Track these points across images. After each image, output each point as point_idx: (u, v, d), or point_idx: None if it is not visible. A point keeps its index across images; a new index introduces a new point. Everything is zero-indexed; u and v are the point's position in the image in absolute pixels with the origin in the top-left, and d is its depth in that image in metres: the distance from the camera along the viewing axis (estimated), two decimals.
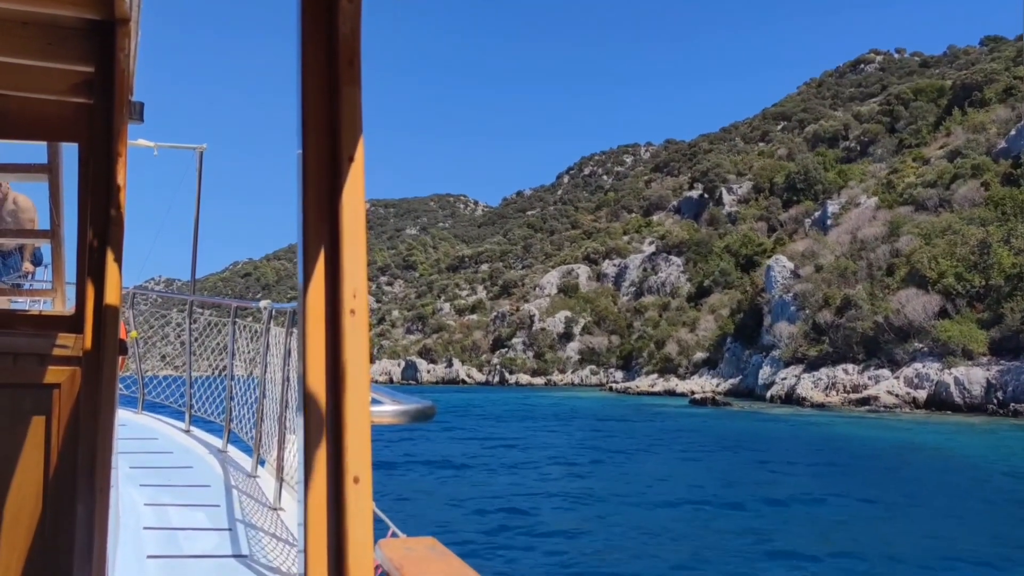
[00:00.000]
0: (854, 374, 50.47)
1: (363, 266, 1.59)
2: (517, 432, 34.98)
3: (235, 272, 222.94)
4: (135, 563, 4.44)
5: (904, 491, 18.29)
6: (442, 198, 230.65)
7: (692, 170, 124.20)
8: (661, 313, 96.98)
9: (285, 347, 5.84)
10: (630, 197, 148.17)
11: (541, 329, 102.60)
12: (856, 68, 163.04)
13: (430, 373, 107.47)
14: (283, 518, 5.54)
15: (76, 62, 2.99)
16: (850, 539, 13.11)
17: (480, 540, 12.92)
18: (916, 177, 70.54)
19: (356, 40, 1.62)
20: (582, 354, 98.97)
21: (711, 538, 13.19)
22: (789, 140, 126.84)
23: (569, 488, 18.27)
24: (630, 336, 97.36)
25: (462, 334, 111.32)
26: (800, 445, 29.69)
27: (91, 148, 3.05)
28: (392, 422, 2.06)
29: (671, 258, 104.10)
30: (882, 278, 56.66)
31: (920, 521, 14.80)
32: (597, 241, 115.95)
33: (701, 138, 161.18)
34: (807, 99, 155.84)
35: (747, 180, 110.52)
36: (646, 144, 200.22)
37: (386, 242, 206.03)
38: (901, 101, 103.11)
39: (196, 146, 10.28)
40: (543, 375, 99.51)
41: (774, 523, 14.35)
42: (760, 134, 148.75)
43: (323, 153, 1.61)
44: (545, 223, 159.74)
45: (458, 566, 1.66)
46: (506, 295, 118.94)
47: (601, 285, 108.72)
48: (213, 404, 8.43)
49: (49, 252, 4.82)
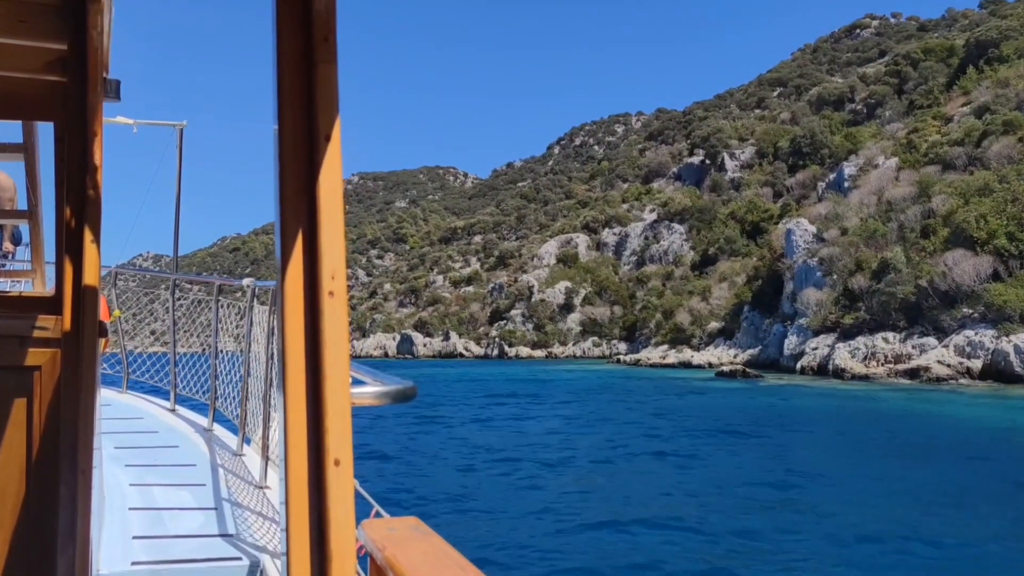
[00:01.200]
0: (895, 343, 45.91)
1: (342, 247, 1.56)
2: (546, 419, 30.09)
3: (223, 247, 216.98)
4: (121, 543, 4.27)
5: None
6: (431, 170, 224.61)
7: (691, 136, 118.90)
8: (665, 282, 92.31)
9: (269, 326, 5.57)
10: (625, 166, 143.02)
11: (540, 300, 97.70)
12: (852, 33, 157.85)
13: (426, 347, 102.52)
14: (269, 496, 5.33)
15: (49, 39, 2.88)
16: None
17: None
18: (941, 136, 65.75)
19: (332, 17, 1.58)
20: (583, 325, 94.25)
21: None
22: (791, 104, 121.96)
23: (680, 512, 13.37)
24: (633, 306, 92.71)
25: (458, 307, 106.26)
26: (870, 424, 25.07)
27: (66, 127, 2.96)
28: (373, 403, 2.00)
29: (673, 226, 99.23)
30: (916, 240, 52.01)
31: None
32: (596, 210, 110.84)
33: (696, 105, 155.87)
34: (803, 65, 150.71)
35: (750, 145, 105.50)
36: (637, 113, 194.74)
37: (375, 215, 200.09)
38: (910, 61, 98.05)
39: (176, 123, 9.98)
40: (543, 347, 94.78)
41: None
42: (756, 100, 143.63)
43: (299, 132, 1.57)
44: (538, 193, 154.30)
45: (440, 545, 1.64)
46: (502, 266, 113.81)
47: (601, 254, 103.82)
48: (198, 383, 8.20)
49: (28, 232, 4.67)
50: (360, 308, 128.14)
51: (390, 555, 1.59)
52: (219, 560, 4.17)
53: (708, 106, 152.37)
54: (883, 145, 74.69)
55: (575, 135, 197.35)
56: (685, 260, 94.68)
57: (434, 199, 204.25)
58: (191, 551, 4.26)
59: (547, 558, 9.88)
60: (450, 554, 1.60)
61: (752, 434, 22.86)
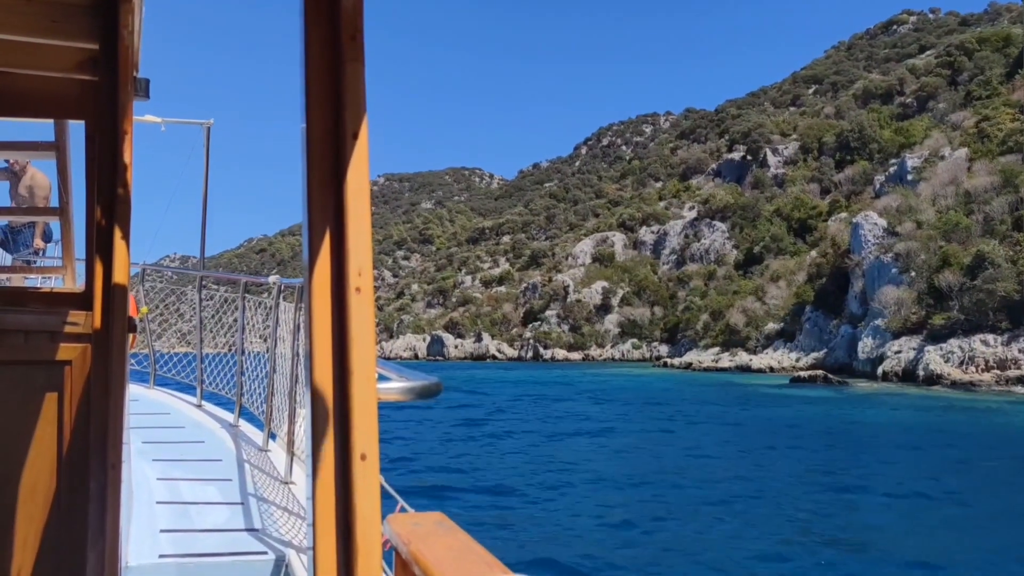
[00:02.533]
0: (997, 346, 40.24)
1: (368, 244, 1.56)
2: (617, 430, 24.83)
3: (250, 248, 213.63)
4: (148, 537, 4.25)
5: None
6: (457, 171, 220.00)
7: (730, 132, 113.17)
8: (707, 282, 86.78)
9: (295, 322, 5.47)
10: (657, 164, 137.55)
11: (576, 301, 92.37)
12: (888, 30, 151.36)
13: (458, 348, 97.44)
14: (294, 492, 5.24)
15: (81, 39, 2.88)
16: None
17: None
18: (1021, 124, 59.87)
19: (359, 16, 1.58)
20: (622, 327, 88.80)
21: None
22: (832, 100, 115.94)
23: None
24: (674, 307, 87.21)
25: (490, 307, 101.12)
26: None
27: (97, 125, 2.95)
28: (399, 399, 2.02)
29: (715, 224, 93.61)
30: (1008, 233, 46.30)
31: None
32: (632, 207, 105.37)
33: (728, 103, 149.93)
34: (839, 61, 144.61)
35: (793, 141, 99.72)
36: (665, 113, 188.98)
37: (401, 216, 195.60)
38: (964, 51, 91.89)
39: (203, 122, 9.93)
40: (580, 349, 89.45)
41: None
42: (791, 98, 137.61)
43: (327, 130, 1.57)
44: (568, 193, 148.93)
45: (464, 540, 1.62)
46: (535, 266, 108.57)
47: (639, 253, 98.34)
48: (225, 379, 8.07)
49: (59, 229, 4.67)
50: (387, 309, 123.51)
51: (415, 549, 1.55)
52: (245, 554, 4.09)
53: (741, 104, 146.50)
54: (948, 136, 68.81)
55: (602, 135, 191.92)
56: (728, 259, 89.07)
57: (460, 200, 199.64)
58: (217, 545, 4.19)
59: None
60: (475, 549, 1.56)
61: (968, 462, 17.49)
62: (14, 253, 6.85)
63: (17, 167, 6.49)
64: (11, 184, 6.76)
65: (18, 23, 2.77)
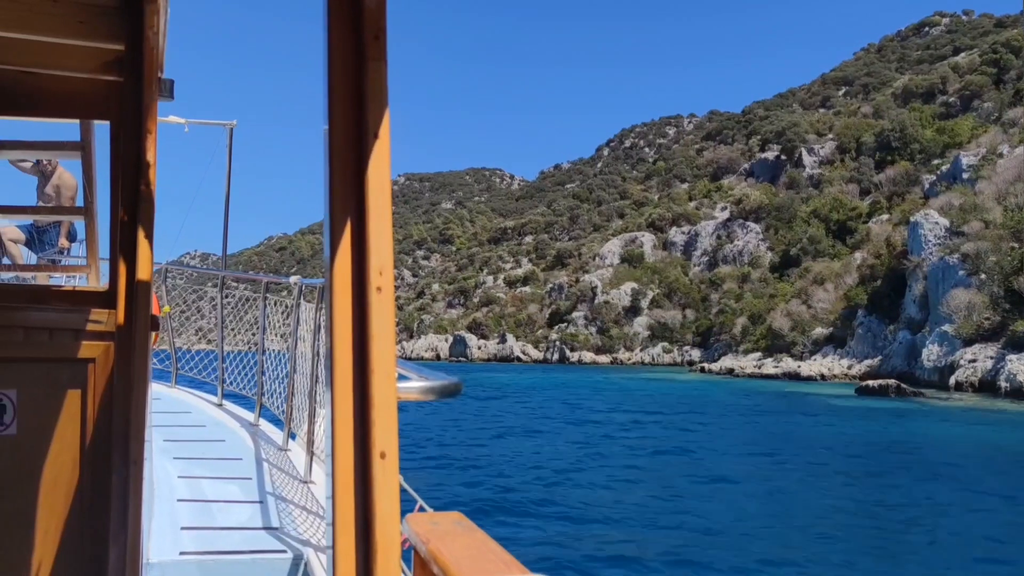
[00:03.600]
0: None
1: (389, 243, 1.56)
2: (716, 456, 20.94)
3: (270, 246, 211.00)
4: (170, 533, 4.26)
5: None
6: (477, 172, 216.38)
7: (763, 131, 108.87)
8: (741, 285, 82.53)
9: (315, 322, 5.46)
10: (683, 165, 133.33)
11: (604, 302, 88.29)
12: (920, 31, 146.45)
13: (481, 349, 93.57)
14: (313, 491, 5.28)
15: (107, 40, 2.87)
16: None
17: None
18: None
19: (382, 15, 1.57)
20: (652, 330, 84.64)
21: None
22: (866, 100, 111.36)
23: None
24: (706, 310, 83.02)
25: (515, 307, 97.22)
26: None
27: (122, 125, 2.96)
28: (419, 398, 2.01)
29: (748, 224, 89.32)
30: None
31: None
32: (662, 207, 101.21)
33: (756, 104, 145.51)
34: (869, 63, 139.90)
35: (829, 140, 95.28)
36: (689, 116, 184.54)
37: (421, 216, 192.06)
38: (1011, 49, 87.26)
39: (226, 123, 9.86)
40: (608, 352, 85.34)
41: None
42: (820, 99, 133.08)
43: (349, 129, 1.57)
44: (592, 193, 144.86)
45: (483, 539, 1.62)
46: (560, 266, 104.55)
47: (669, 254, 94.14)
48: (245, 378, 8.05)
49: (84, 228, 4.74)
50: (407, 309, 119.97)
51: (434, 548, 1.55)
52: (264, 552, 4.07)
53: (769, 105, 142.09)
54: (1007, 133, 64.34)
55: (625, 137, 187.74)
56: (763, 261, 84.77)
57: (480, 200, 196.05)
58: (237, 543, 4.17)
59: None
60: (494, 549, 1.55)
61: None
62: (40, 252, 6.86)
63: (48, 167, 6.51)
64: (39, 183, 6.74)
65: (45, 24, 2.74)
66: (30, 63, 2.93)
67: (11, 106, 3.05)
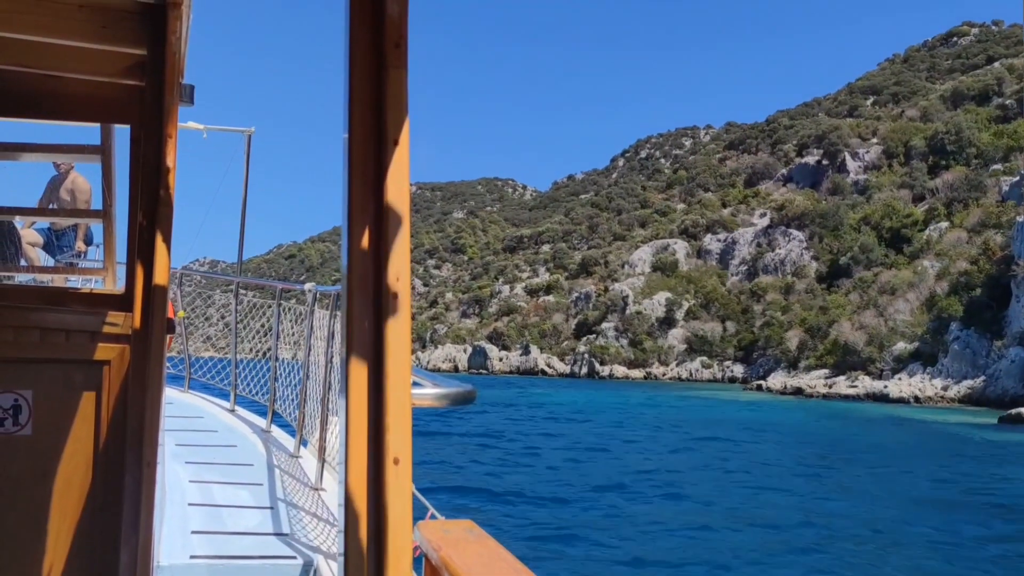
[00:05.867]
0: None
1: (407, 250, 1.54)
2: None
3: (279, 254, 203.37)
4: (180, 537, 4.16)
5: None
6: (490, 182, 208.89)
7: (800, 136, 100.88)
8: (786, 295, 74.22)
9: (329, 329, 5.38)
10: (706, 174, 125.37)
11: (636, 312, 79.85)
12: (948, 42, 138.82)
13: (502, 361, 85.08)
14: (324, 498, 5.13)
15: (129, 44, 2.84)
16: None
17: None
18: None
19: (404, 23, 1.56)
20: (689, 343, 76.17)
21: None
22: (896, 107, 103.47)
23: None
24: (747, 322, 74.61)
25: (538, 317, 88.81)
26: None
27: (142, 129, 2.90)
28: (433, 405, 1.96)
29: (791, 232, 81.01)
30: None
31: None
32: (694, 212, 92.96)
33: (779, 113, 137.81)
34: (898, 72, 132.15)
35: (874, 144, 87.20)
36: (706, 127, 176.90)
37: (433, 225, 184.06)
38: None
39: (244, 129, 9.68)
40: (641, 367, 76.83)
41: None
42: (848, 108, 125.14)
43: (369, 136, 1.55)
44: (611, 202, 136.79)
45: (494, 547, 1.59)
46: (585, 274, 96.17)
47: (704, 262, 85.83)
48: (257, 385, 7.90)
49: (101, 232, 4.70)
50: (419, 318, 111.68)
51: (445, 556, 1.53)
52: (274, 558, 4.02)
53: (793, 114, 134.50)
54: None
55: (640, 147, 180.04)
56: (807, 271, 76.48)
57: (492, 210, 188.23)
58: (247, 548, 4.11)
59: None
60: (504, 557, 1.52)
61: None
62: (57, 255, 6.76)
63: (62, 170, 6.51)
64: (52, 187, 6.64)
65: (70, 28, 2.71)
66: (54, 67, 2.88)
67: (35, 109, 2.99)
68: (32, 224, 6.61)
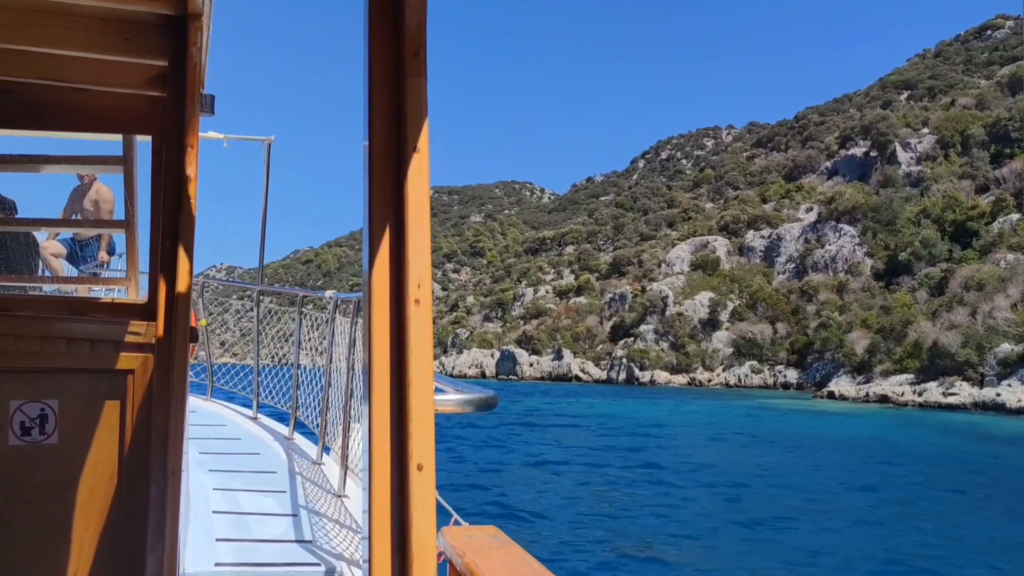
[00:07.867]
0: None
1: (427, 256, 1.52)
2: None
3: (296, 259, 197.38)
4: (205, 545, 4.07)
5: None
6: (508, 185, 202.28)
7: (843, 128, 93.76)
8: (840, 294, 67.10)
9: (350, 336, 5.22)
10: (735, 172, 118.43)
11: (677, 314, 72.86)
12: (982, 35, 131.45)
13: (533, 367, 78.17)
14: (347, 505, 4.97)
15: (151, 56, 2.83)
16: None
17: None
18: None
19: (422, 32, 1.55)
20: (736, 346, 69.10)
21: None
22: (931, 101, 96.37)
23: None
24: (799, 323, 67.49)
25: (570, 319, 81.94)
26: None
27: (164, 140, 2.89)
28: (456, 411, 1.95)
29: (842, 227, 73.88)
30: None
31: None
32: (735, 208, 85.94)
33: (809, 110, 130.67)
34: (932, 67, 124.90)
35: (927, 134, 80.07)
36: (727, 127, 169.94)
37: (450, 229, 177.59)
38: None
39: (264, 138, 9.54)
40: (684, 372, 69.77)
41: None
42: (881, 103, 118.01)
43: (388, 143, 1.54)
44: (636, 202, 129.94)
45: (518, 553, 1.58)
46: (618, 274, 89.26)
47: (747, 260, 78.79)
48: (280, 392, 7.80)
49: (124, 242, 4.59)
50: (440, 322, 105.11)
51: (470, 561, 1.50)
52: (298, 565, 3.96)
53: (823, 111, 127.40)
54: None
55: (660, 149, 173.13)
56: (862, 268, 69.32)
57: (511, 213, 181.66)
58: (271, 555, 4.07)
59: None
60: (529, 563, 1.50)
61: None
62: (81, 265, 6.65)
63: (86, 180, 6.40)
64: (75, 197, 6.50)
65: (93, 41, 2.70)
66: (77, 80, 2.86)
67: (58, 122, 2.97)
68: (56, 235, 6.43)
